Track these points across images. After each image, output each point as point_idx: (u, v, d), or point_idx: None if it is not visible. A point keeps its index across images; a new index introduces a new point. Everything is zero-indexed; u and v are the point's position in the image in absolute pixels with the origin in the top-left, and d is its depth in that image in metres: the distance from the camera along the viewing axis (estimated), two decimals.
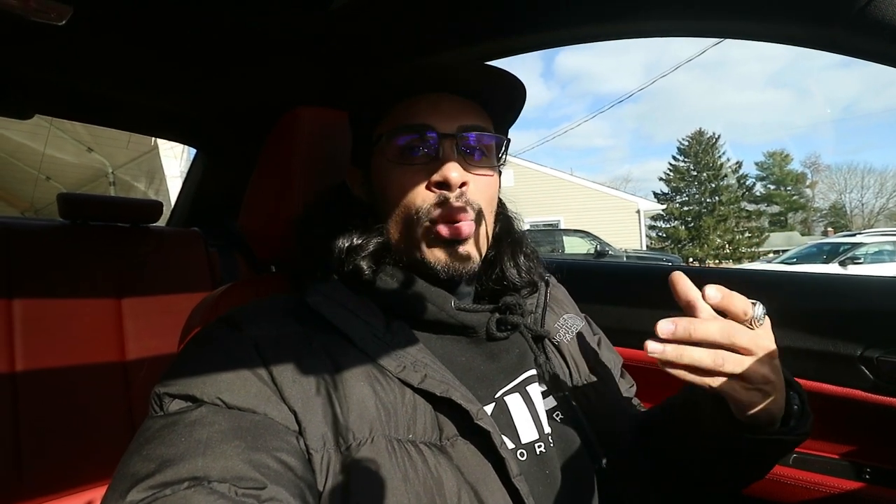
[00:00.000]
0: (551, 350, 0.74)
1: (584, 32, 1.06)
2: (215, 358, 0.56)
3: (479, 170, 0.69)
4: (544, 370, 0.71)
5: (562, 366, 0.74)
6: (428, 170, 0.67)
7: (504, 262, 0.75)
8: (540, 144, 64.96)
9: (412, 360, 0.60)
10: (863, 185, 41.19)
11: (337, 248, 0.68)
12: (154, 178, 6.91)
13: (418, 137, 0.67)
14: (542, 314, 0.77)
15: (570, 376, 0.73)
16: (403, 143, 0.68)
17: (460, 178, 0.65)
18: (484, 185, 0.70)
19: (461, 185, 0.66)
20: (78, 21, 0.96)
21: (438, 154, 0.67)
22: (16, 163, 6.88)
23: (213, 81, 1.38)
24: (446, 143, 0.67)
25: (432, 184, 0.66)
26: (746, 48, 74.93)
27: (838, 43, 0.74)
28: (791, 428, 0.60)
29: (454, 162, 0.66)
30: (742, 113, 76.94)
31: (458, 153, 0.67)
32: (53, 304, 1.44)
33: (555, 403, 0.69)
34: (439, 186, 0.66)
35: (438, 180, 0.65)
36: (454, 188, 0.65)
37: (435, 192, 0.66)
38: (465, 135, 0.68)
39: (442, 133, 0.67)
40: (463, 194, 0.66)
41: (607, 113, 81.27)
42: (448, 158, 0.66)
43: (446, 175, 0.65)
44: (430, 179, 0.66)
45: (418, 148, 0.68)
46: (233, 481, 0.45)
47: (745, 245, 26.32)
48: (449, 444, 0.57)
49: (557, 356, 0.74)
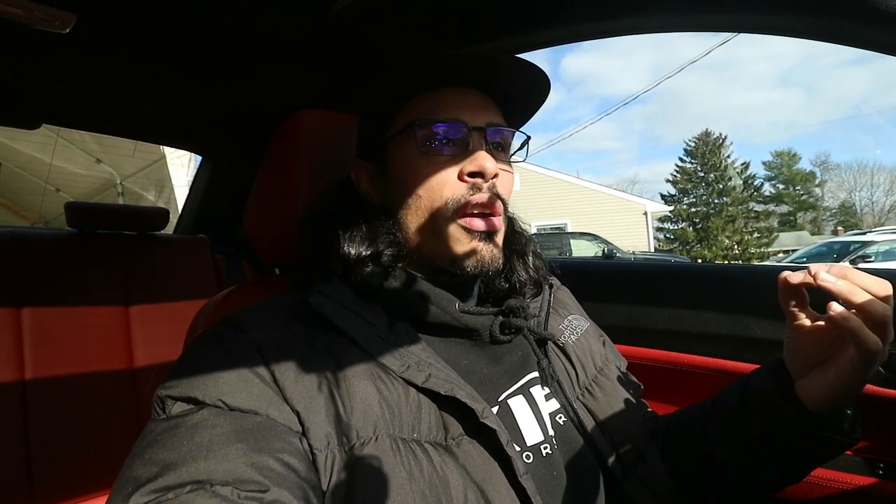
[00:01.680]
0: (555, 352, 0.74)
1: (588, 29, 1.06)
2: (217, 360, 0.56)
3: (504, 165, 0.70)
4: (547, 373, 0.70)
5: (566, 368, 0.73)
6: (458, 160, 0.66)
7: (514, 261, 0.75)
8: (546, 148, 64.86)
9: (416, 360, 0.60)
10: (872, 184, 40.89)
11: (343, 253, 0.67)
12: (164, 188, 6.95)
13: (452, 128, 0.67)
14: (545, 317, 0.76)
15: (577, 377, 0.73)
16: (432, 133, 0.67)
17: (494, 168, 0.65)
18: (508, 181, 0.70)
19: (495, 175, 0.66)
20: (82, 30, 0.97)
21: (468, 146, 0.67)
22: (26, 175, 6.95)
23: (216, 88, 1.39)
24: (475, 136, 0.67)
25: (465, 174, 0.66)
26: (755, 47, 74.68)
27: (839, 33, 0.73)
28: (846, 430, 0.61)
29: (486, 153, 0.66)
30: (751, 113, 76.68)
31: (488, 146, 0.67)
32: (62, 312, 1.45)
33: (557, 406, 0.69)
34: (473, 176, 0.66)
35: (473, 170, 0.65)
36: (489, 178, 0.65)
37: (467, 182, 0.66)
38: (493, 130, 0.68)
39: (472, 126, 0.67)
40: (494, 185, 0.66)
41: (615, 115, 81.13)
42: (479, 149, 0.66)
43: (482, 164, 0.64)
44: (462, 169, 0.66)
45: (448, 140, 0.67)
46: (235, 484, 0.45)
47: (755, 245, 26.13)
48: (454, 443, 0.57)
49: (563, 358, 0.74)
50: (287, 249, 0.82)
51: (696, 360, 1.09)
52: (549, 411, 0.67)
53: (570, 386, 0.72)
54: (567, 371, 0.73)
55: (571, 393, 0.71)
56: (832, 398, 0.59)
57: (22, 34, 0.98)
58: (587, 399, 0.72)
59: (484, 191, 0.65)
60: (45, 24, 0.93)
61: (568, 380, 0.72)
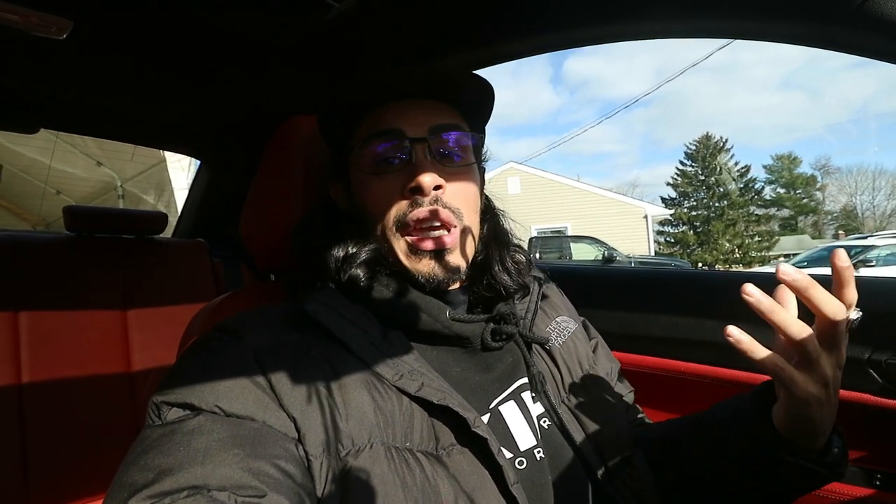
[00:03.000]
0: (540, 355, 0.74)
1: (586, 35, 1.06)
2: (214, 366, 0.56)
3: (456, 171, 0.69)
4: (536, 379, 0.70)
5: (552, 371, 0.73)
6: (402, 177, 0.66)
7: (493, 266, 0.74)
8: (547, 151, 65.05)
9: (409, 369, 0.60)
10: (874, 187, 40.86)
11: (332, 257, 0.67)
12: (164, 192, 6.96)
13: (390, 146, 0.67)
14: (532, 318, 0.75)
15: (562, 380, 0.72)
16: (376, 151, 0.68)
17: (433, 181, 0.64)
18: (462, 187, 0.69)
19: (436, 188, 0.65)
20: (78, 35, 0.97)
21: (411, 160, 0.67)
22: (27, 178, 6.96)
23: (214, 93, 1.39)
24: (418, 148, 0.67)
25: (407, 190, 0.66)
26: (758, 51, 74.74)
27: (837, 40, 0.73)
28: (827, 462, 0.58)
29: (427, 166, 0.65)
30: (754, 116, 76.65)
31: (432, 157, 0.67)
32: (60, 316, 1.45)
33: (542, 410, 0.68)
34: (413, 192, 0.65)
35: (412, 186, 0.65)
36: (427, 193, 0.65)
37: (409, 199, 0.66)
38: (439, 136, 0.68)
39: (412, 137, 0.67)
40: (438, 199, 0.66)
41: (618, 118, 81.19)
42: (421, 163, 0.66)
43: (419, 180, 0.64)
44: (404, 186, 0.66)
45: (391, 156, 0.68)
46: (232, 489, 0.45)
47: (755, 249, 26.10)
48: (445, 453, 0.57)
49: (548, 361, 0.74)
50: (281, 255, 0.82)
51: (692, 367, 1.09)
52: (535, 414, 0.67)
53: (555, 389, 0.71)
54: (552, 374, 0.73)
55: (556, 397, 0.70)
56: (787, 423, 0.57)
57: (20, 39, 0.98)
58: (572, 402, 0.71)
59: (424, 205, 0.65)
60: (42, 30, 0.93)
61: (553, 383, 0.72)
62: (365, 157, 0.68)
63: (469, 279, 0.74)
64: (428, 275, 0.66)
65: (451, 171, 0.68)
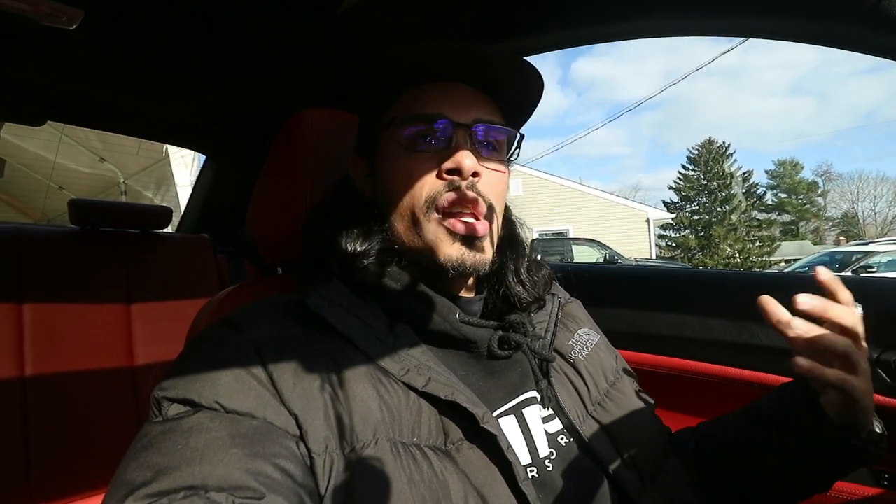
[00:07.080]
0: (562, 371, 0.72)
1: (594, 33, 1.06)
2: (215, 360, 0.55)
3: (491, 164, 0.68)
4: (546, 394, 0.68)
5: (577, 384, 0.71)
6: (439, 158, 0.65)
7: (508, 277, 0.73)
8: (551, 153, 64.79)
9: (416, 364, 0.59)
10: (876, 194, 40.86)
11: (340, 251, 0.66)
12: (166, 188, 6.97)
13: (431, 126, 0.66)
14: (552, 337, 0.74)
15: (589, 393, 0.71)
16: (414, 130, 0.67)
17: (473, 166, 0.64)
18: (495, 181, 0.69)
19: (473, 174, 0.64)
20: (89, 26, 0.97)
21: (451, 143, 0.66)
22: (31, 173, 6.96)
23: (221, 88, 1.39)
24: (459, 133, 0.66)
25: (443, 171, 0.65)
26: (770, 55, 74.58)
27: (852, 40, 0.73)
28: (874, 440, 0.62)
29: (468, 150, 0.65)
30: (762, 120, 76.51)
31: (471, 144, 0.66)
32: (63, 309, 1.45)
33: (560, 427, 0.66)
34: (450, 173, 0.65)
35: (450, 167, 0.64)
36: (466, 176, 0.64)
37: (445, 180, 0.65)
38: (480, 127, 0.67)
39: (456, 122, 0.66)
40: (474, 185, 0.65)
41: (626, 121, 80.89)
42: (461, 147, 0.65)
43: (459, 162, 0.63)
44: (440, 167, 0.65)
45: (430, 136, 0.67)
46: (230, 490, 0.44)
47: (756, 254, 26.07)
48: (454, 448, 0.56)
49: (573, 374, 0.72)
50: (290, 249, 0.81)
51: (700, 366, 1.08)
52: (551, 431, 0.65)
53: (579, 403, 0.69)
54: (577, 387, 0.71)
55: (581, 411, 0.69)
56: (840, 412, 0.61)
57: (28, 30, 0.98)
58: (600, 414, 0.70)
59: (463, 188, 0.64)
60: (52, 19, 0.93)
61: (578, 397, 0.70)
62: (402, 135, 0.67)
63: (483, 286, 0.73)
64: (457, 260, 0.64)
65: (486, 162, 0.67)
